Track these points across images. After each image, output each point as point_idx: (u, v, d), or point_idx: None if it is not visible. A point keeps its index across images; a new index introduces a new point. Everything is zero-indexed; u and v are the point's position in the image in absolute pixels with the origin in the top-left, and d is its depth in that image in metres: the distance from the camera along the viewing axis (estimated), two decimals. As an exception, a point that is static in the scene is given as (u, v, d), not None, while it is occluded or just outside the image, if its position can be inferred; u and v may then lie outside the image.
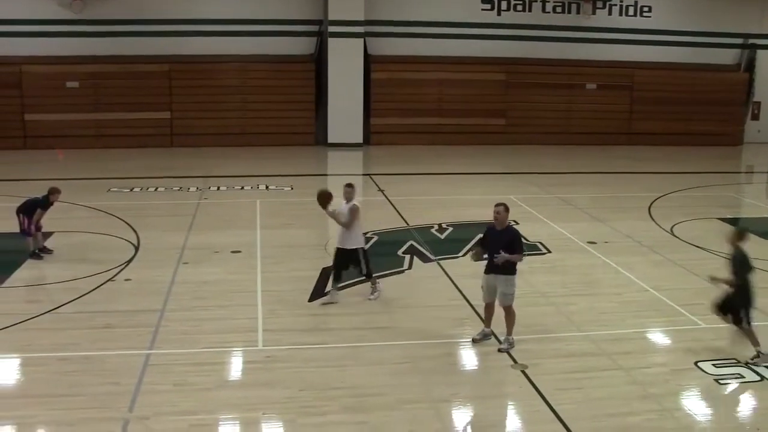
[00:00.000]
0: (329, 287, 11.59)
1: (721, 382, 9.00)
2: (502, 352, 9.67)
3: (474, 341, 10.00)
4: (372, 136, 27.52)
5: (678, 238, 15.64)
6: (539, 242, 14.64)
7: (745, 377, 9.11)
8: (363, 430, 7.83)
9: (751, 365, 9.33)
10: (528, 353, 9.63)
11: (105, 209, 17.02)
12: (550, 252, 14.33)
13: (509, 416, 8.48)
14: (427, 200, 19.06)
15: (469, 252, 14.21)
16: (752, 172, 27.13)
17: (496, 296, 9.75)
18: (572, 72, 28.54)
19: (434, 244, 14.74)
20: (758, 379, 9.06)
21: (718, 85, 29.55)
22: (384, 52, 27.63)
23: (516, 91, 28.30)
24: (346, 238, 11.26)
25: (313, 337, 10.23)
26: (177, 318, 10.72)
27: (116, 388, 8.56)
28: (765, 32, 30.22)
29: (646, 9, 29.25)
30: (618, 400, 8.55)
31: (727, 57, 30.27)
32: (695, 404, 8.57)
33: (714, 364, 9.39)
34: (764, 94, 30.68)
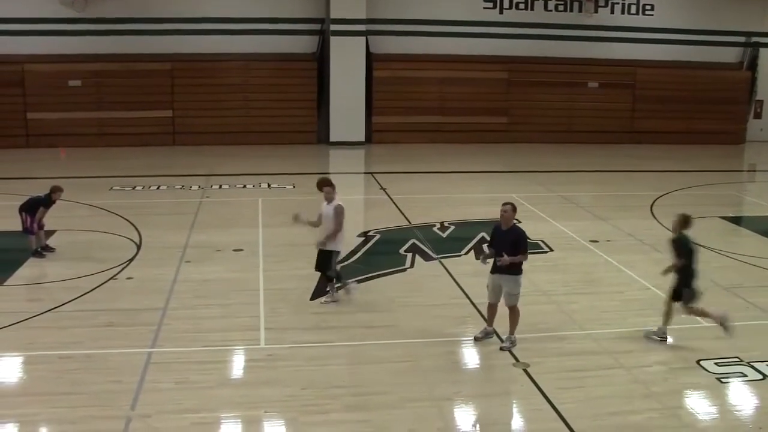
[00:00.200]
0: (329, 287, 11.56)
1: (723, 380, 9.00)
2: (504, 350, 9.68)
3: (476, 339, 10.01)
4: (374, 135, 27.51)
5: (680, 236, 15.61)
6: (541, 240, 14.63)
7: (747, 375, 9.11)
8: (365, 428, 7.84)
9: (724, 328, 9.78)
10: (530, 352, 9.63)
11: (107, 208, 17.04)
12: (552, 250, 14.32)
13: (511, 415, 8.49)
14: (429, 199, 19.06)
15: (470, 251, 14.27)
16: (754, 171, 27.09)
17: (502, 296, 9.76)
18: (574, 70, 28.50)
19: (436, 243, 14.74)
20: (761, 377, 9.06)
21: (720, 83, 29.50)
22: (386, 51, 27.62)
23: (518, 90, 28.28)
24: (330, 239, 11.07)
25: (315, 335, 10.23)
26: (179, 316, 10.73)
27: (118, 386, 8.58)
28: (767, 30, 30.18)
29: (648, 7, 29.20)
30: (620, 398, 8.55)
31: (730, 55, 30.23)
32: (697, 403, 8.56)
33: (716, 363, 9.40)
34: (767, 92, 30.65)
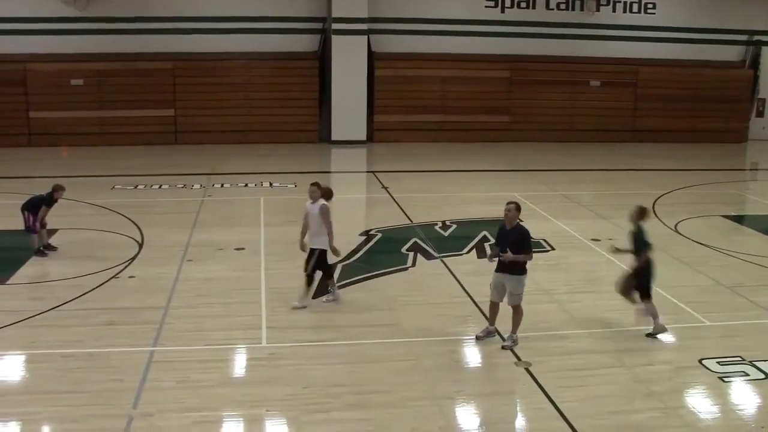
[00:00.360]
0: (330, 286, 11.54)
1: (726, 379, 8.99)
2: (506, 349, 9.68)
3: (477, 338, 10.00)
4: (376, 134, 27.50)
5: (682, 235, 15.62)
6: (543, 239, 14.62)
7: (749, 375, 9.10)
8: (366, 427, 7.84)
9: (651, 336, 10.10)
10: (531, 350, 9.63)
11: (109, 206, 17.05)
12: (553, 249, 14.31)
13: (513, 413, 8.48)
14: (431, 197, 19.05)
15: (472, 250, 14.28)
16: (757, 169, 27.04)
17: (505, 295, 9.76)
18: (576, 69, 28.47)
19: (438, 242, 14.74)
20: (763, 376, 9.05)
21: (722, 82, 29.45)
22: (388, 50, 27.61)
23: (520, 89, 28.26)
24: (312, 237, 11.01)
25: (316, 334, 10.24)
26: (181, 315, 10.74)
27: (120, 384, 8.59)
28: (770, 29, 30.17)
29: (650, 6, 29.17)
30: (621, 397, 8.55)
31: (732, 54, 30.18)
32: (699, 402, 8.56)
33: (718, 362, 9.39)
34: (769, 91, 30.62)
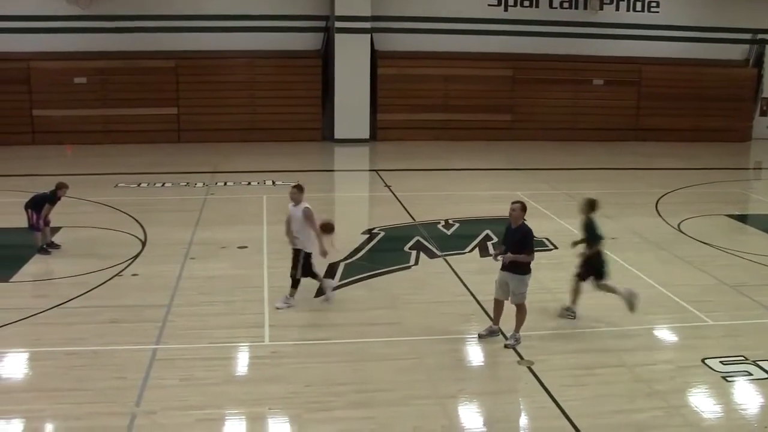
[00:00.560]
0: (323, 287, 11.41)
1: (729, 379, 8.99)
2: (509, 348, 9.68)
3: (480, 337, 10.00)
4: (378, 132, 27.51)
5: (685, 234, 15.60)
6: (546, 238, 14.63)
7: (752, 374, 9.09)
8: (369, 425, 7.85)
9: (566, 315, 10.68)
10: (534, 349, 9.63)
11: (112, 204, 17.08)
12: (556, 248, 14.31)
13: (515, 412, 8.48)
14: (434, 196, 19.05)
15: (475, 249, 14.28)
16: (760, 168, 27.02)
17: (509, 294, 9.77)
18: (579, 68, 28.44)
19: (441, 240, 14.74)
20: (766, 376, 9.04)
21: (726, 80, 29.39)
22: (391, 48, 27.60)
23: (523, 87, 28.24)
24: (295, 240, 10.94)
25: (319, 332, 10.25)
26: (184, 313, 10.76)
27: (123, 382, 8.61)
28: (774, 27, 30.09)
29: (653, 4, 29.12)
30: (624, 397, 8.54)
31: (736, 52, 30.11)
32: (702, 401, 8.55)
33: (721, 361, 9.38)
34: (773, 89, 30.56)
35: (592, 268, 10.58)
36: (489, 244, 14.28)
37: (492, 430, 7.98)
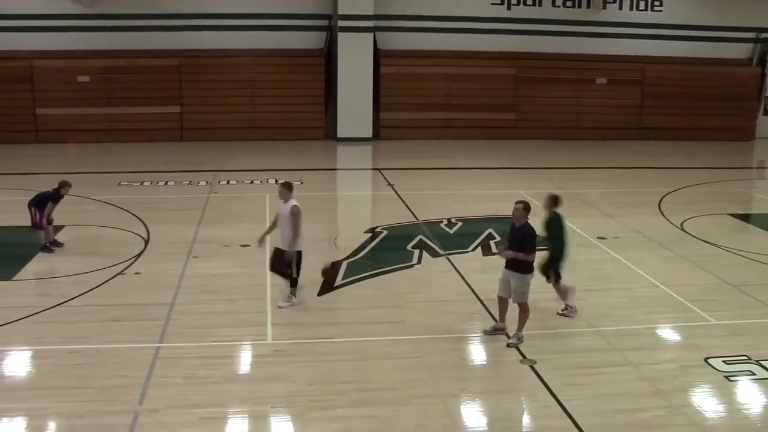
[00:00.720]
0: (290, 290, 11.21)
1: (732, 378, 8.98)
2: (511, 347, 9.67)
3: (485, 333, 10.02)
4: (381, 131, 27.48)
5: (688, 233, 15.58)
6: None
7: (756, 374, 9.08)
8: (371, 424, 7.85)
9: (561, 314, 10.72)
10: (537, 348, 9.62)
11: (115, 203, 17.09)
12: (559, 247, 14.29)
13: (518, 411, 8.47)
14: (437, 195, 19.03)
15: (477, 248, 14.27)
16: (764, 168, 26.95)
17: (511, 292, 9.78)
18: (582, 67, 28.36)
19: (443, 239, 14.72)
20: (769, 375, 9.04)
21: (729, 79, 29.31)
22: (393, 47, 27.56)
23: (525, 86, 28.18)
24: (282, 239, 10.87)
25: (321, 331, 10.25)
26: (186, 312, 10.76)
27: (126, 380, 8.62)
28: (777, 26, 30.01)
29: (657, 3, 29.04)
30: (627, 396, 8.54)
31: (739, 51, 30.03)
32: (705, 401, 8.54)
33: (724, 361, 9.37)
34: (776, 88, 30.48)
35: (552, 265, 10.77)
36: (491, 242, 14.27)
37: (494, 430, 7.98)
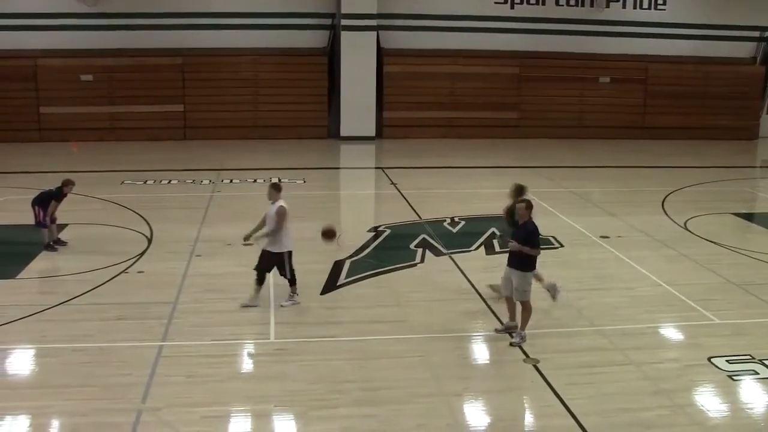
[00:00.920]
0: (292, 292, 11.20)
1: (735, 378, 8.97)
2: (514, 346, 9.67)
3: (497, 331, 10.08)
4: (384, 130, 27.48)
5: (692, 232, 15.56)
6: (552, 236, 14.60)
7: (759, 373, 9.07)
8: (374, 423, 7.85)
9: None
10: (540, 347, 9.62)
11: (118, 201, 17.11)
12: (562, 246, 14.29)
13: (521, 410, 8.47)
14: (440, 194, 19.03)
15: (480, 246, 14.28)
16: (767, 167, 26.90)
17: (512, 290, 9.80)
18: (586, 65, 28.34)
19: (446, 238, 14.72)
20: (772, 375, 9.03)
21: (733, 78, 29.27)
22: (397, 46, 27.55)
23: (529, 85, 28.17)
24: (273, 241, 10.86)
25: (324, 330, 10.25)
26: (189, 310, 10.78)
27: (129, 379, 8.63)
28: (781, 25, 29.95)
29: (660, 2, 28.99)
30: (630, 395, 8.53)
31: (743, 50, 29.98)
32: (708, 400, 8.53)
33: (727, 360, 9.36)
34: (780, 87, 30.42)
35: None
36: (495, 241, 14.28)
37: (497, 429, 7.98)
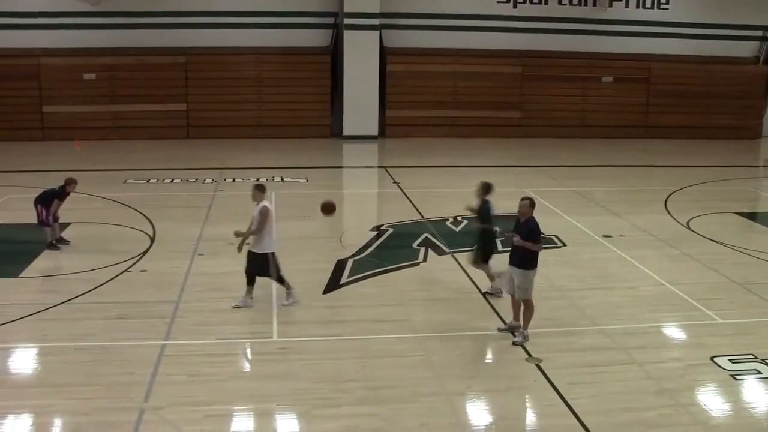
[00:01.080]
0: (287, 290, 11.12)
1: (738, 377, 8.95)
2: (517, 345, 9.67)
3: (499, 330, 10.08)
4: (387, 129, 27.47)
5: (694, 232, 15.54)
6: (554, 236, 14.60)
7: (762, 373, 9.06)
8: (376, 422, 7.85)
9: (488, 294, 11.37)
10: (542, 347, 9.61)
11: (121, 200, 17.12)
12: (565, 245, 14.29)
13: (523, 409, 8.47)
14: (442, 193, 19.03)
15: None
16: (770, 166, 26.89)
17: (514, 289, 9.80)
18: (588, 65, 28.31)
19: (449, 237, 14.72)
20: (775, 374, 9.01)
21: (736, 78, 29.22)
22: (399, 45, 27.54)
23: (532, 84, 28.14)
24: (257, 241, 10.83)
25: (327, 329, 10.26)
26: (192, 309, 10.78)
27: (131, 378, 8.64)
28: (784, 24, 29.89)
29: (663, 1, 28.94)
30: (632, 394, 8.52)
31: (746, 49, 29.93)
32: (711, 399, 8.52)
33: (730, 360, 9.35)
34: (783, 87, 30.34)
35: (483, 249, 11.35)
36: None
37: (499, 428, 7.97)
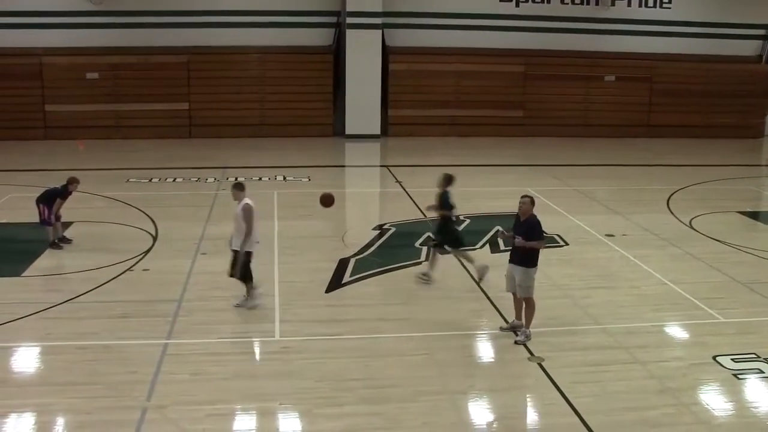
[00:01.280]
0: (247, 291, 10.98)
1: (740, 376, 8.95)
2: (519, 344, 9.66)
3: (501, 329, 10.09)
4: (390, 128, 27.47)
5: (697, 231, 15.52)
6: (557, 235, 14.59)
7: (764, 372, 9.05)
8: (379, 421, 7.85)
9: (422, 279, 11.84)
10: (545, 346, 9.60)
11: (124, 199, 17.13)
12: (567, 244, 14.28)
13: (525, 409, 8.47)
14: (445, 192, 18.98)
15: (486, 245, 14.27)
16: (773, 165, 26.86)
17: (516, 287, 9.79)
18: (591, 64, 28.30)
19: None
20: (777, 374, 9.00)
21: (738, 77, 29.19)
22: (402, 44, 27.55)
23: (534, 83, 28.13)
24: (235, 238, 10.73)
25: (330, 328, 10.26)
26: (194, 308, 10.79)
27: (134, 377, 8.65)
28: (787, 23, 29.86)
29: (665, 0, 28.96)
30: (635, 393, 8.52)
31: (749, 48, 29.91)
32: (713, 399, 8.51)
33: (733, 359, 9.34)
34: (786, 86, 30.31)
35: (446, 236, 11.89)
36: (499, 240, 14.27)
37: (502, 427, 7.97)
